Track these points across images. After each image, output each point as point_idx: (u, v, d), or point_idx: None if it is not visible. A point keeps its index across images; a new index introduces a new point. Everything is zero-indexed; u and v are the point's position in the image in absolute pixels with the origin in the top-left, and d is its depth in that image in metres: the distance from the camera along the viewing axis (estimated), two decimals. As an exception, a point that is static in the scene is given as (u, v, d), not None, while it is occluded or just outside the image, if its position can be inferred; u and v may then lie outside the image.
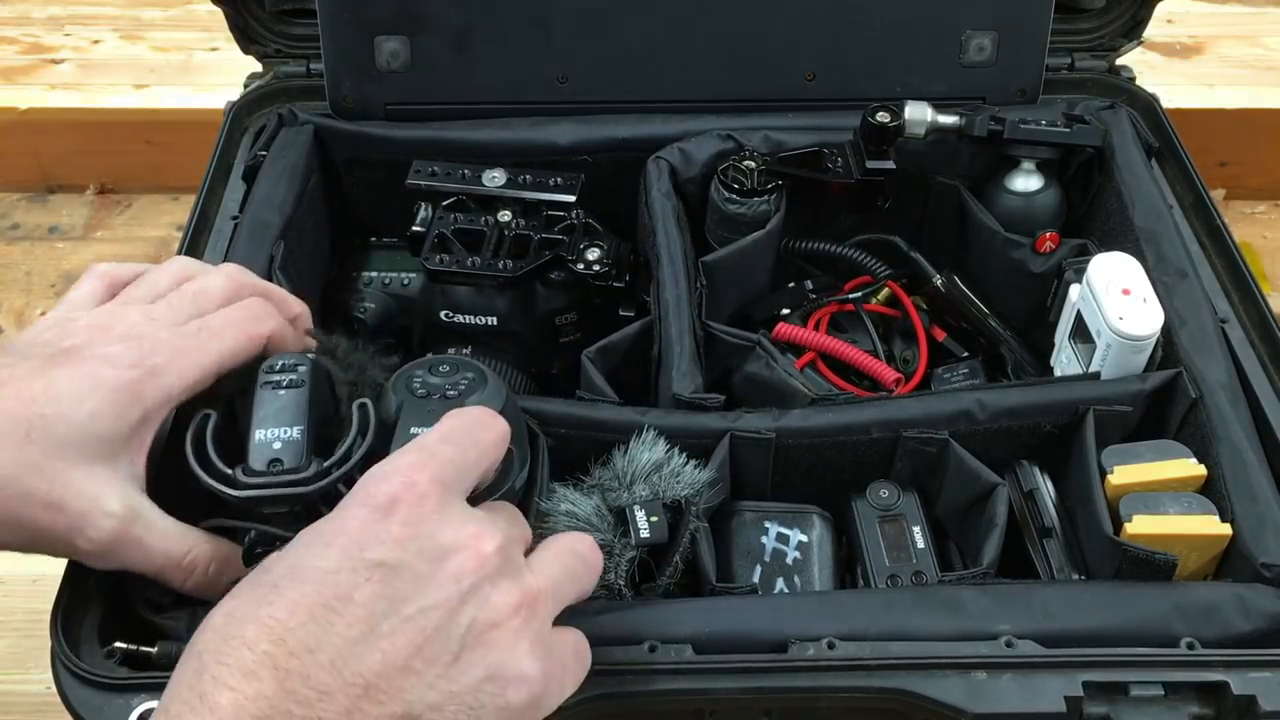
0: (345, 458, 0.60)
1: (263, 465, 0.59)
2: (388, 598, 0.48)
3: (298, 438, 0.60)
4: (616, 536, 0.65)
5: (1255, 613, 0.62)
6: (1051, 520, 0.73)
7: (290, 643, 0.46)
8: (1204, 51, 1.50)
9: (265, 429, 0.60)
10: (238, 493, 0.58)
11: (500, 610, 0.50)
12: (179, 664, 0.48)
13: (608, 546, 0.65)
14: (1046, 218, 0.86)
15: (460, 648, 0.49)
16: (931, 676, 0.60)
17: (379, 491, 0.51)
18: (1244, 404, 0.72)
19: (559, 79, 0.91)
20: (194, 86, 1.45)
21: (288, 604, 0.47)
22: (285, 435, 0.60)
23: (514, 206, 0.85)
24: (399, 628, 0.48)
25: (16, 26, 1.54)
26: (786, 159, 0.86)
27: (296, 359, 0.63)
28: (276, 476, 0.59)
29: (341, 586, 0.48)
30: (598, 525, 0.65)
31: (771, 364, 0.78)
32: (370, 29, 0.88)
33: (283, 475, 0.59)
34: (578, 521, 0.65)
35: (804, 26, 0.89)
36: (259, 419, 0.60)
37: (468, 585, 0.50)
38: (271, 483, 0.58)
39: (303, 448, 0.59)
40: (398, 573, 0.49)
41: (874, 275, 0.89)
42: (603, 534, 0.65)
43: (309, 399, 0.61)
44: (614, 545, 0.65)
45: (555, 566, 0.55)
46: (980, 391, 0.74)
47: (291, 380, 0.62)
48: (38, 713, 1.00)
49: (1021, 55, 0.90)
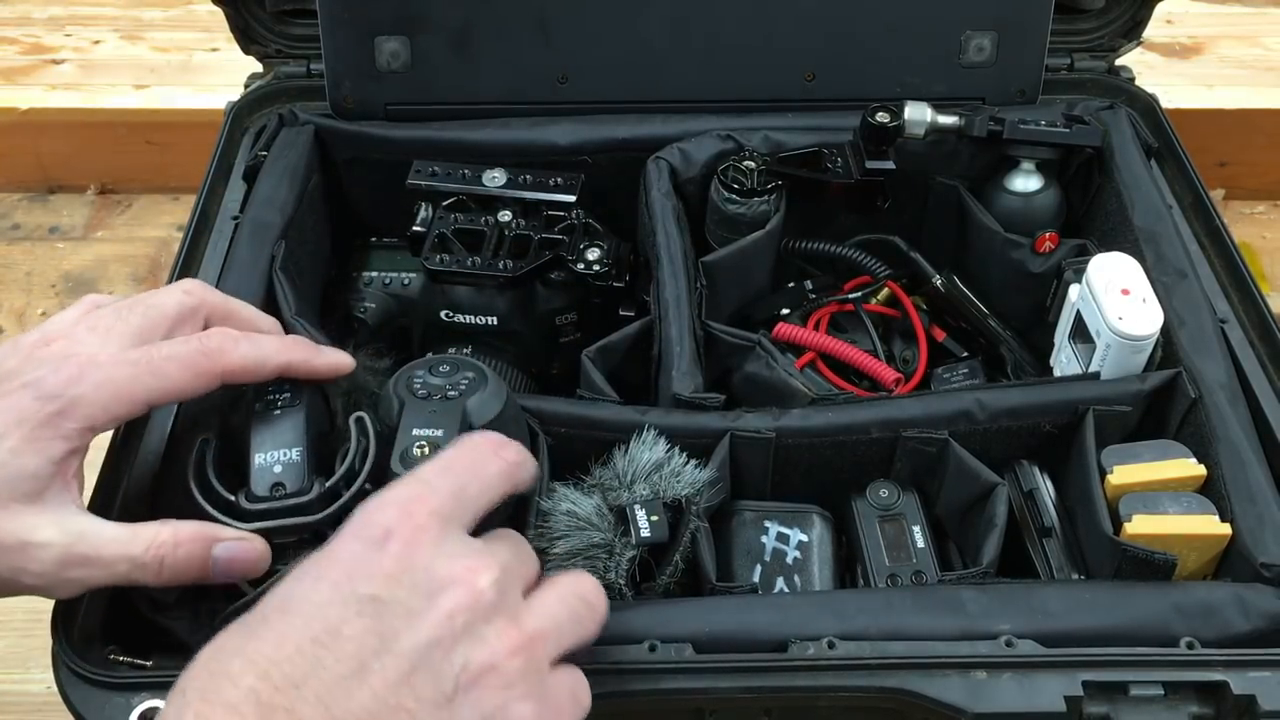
0: (349, 476, 0.60)
1: (265, 490, 0.59)
2: (378, 633, 0.47)
3: (297, 459, 0.60)
4: (617, 536, 0.65)
5: (1255, 612, 0.62)
6: (1051, 520, 0.74)
7: (275, 677, 0.45)
8: (1203, 52, 1.50)
9: (265, 452, 0.60)
10: (244, 525, 0.58)
11: (496, 652, 0.49)
12: (166, 701, 0.46)
13: (608, 545, 0.65)
14: (1046, 218, 0.86)
15: (454, 689, 0.47)
16: (931, 676, 0.60)
17: (373, 523, 0.50)
18: (1243, 404, 0.72)
19: (559, 79, 0.91)
20: (194, 87, 1.45)
21: (275, 637, 0.46)
22: (285, 458, 0.60)
23: (514, 206, 0.85)
24: (390, 665, 0.46)
25: (17, 27, 1.54)
26: (786, 159, 0.86)
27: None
28: (280, 502, 0.59)
29: (330, 620, 0.47)
30: (598, 524, 0.65)
31: (771, 364, 0.78)
32: (370, 29, 0.88)
33: (287, 500, 0.59)
34: (578, 520, 0.65)
35: (804, 27, 0.89)
36: (257, 442, 0.60)
37: (461, 623, 0.48)
38: (276, 509, 0.59)
39: (304, 469, 0.60)
40: (389, 607, 0.47)
41: (874, 275, 0.89)
42: (603, 533, 0.65)
43: (306, 417, 0.61)
44: (614, 544, 0.65)
45: (558, 609, 0.53)
46: (980, 391, 0.74)
47: (287, 400, 0.62)
48: (38, 712, 1.00)
49: (1021, 56, 0.90)
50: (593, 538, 0.65)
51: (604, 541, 0.65)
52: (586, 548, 0.65)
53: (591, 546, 0.65)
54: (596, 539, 0.65)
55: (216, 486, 0.60)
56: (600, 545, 0.65)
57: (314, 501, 0.59)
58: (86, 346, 0.59)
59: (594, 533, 0.64)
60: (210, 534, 0.58)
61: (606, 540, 0.65)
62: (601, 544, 0.65)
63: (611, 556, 0.65)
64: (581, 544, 0.65)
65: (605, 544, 0.65)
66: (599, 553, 0.65)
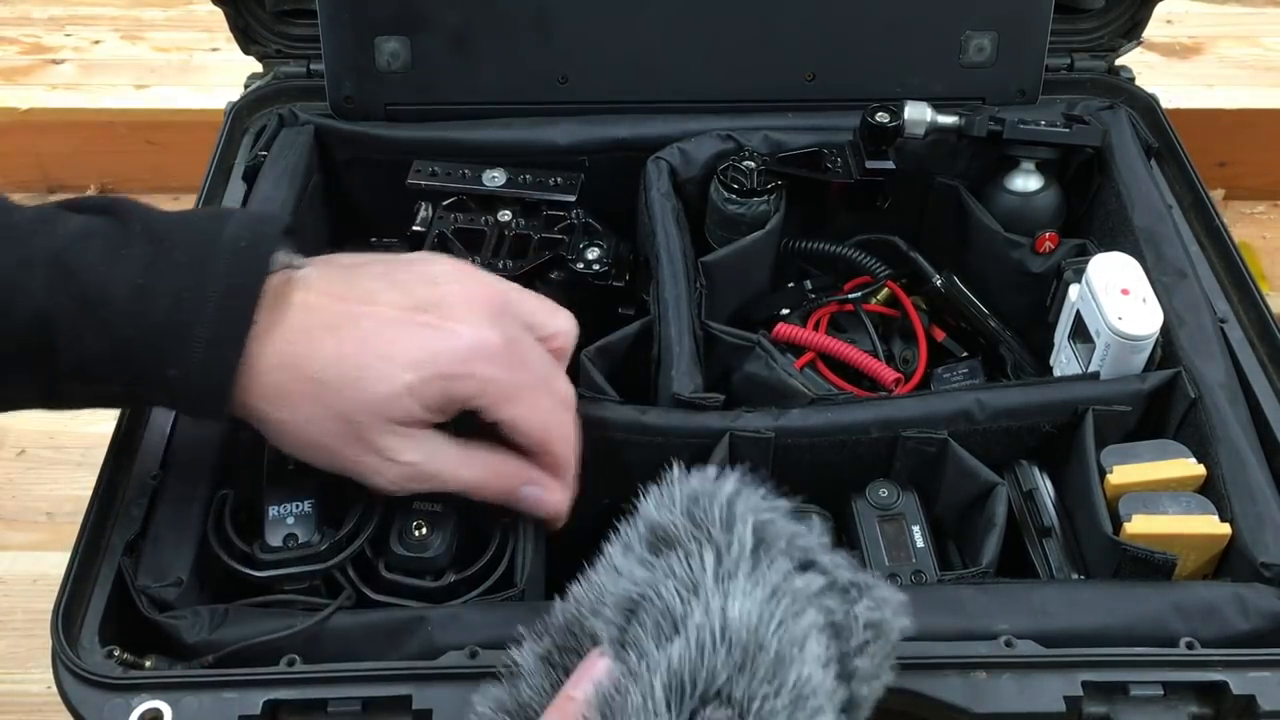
0: (358, 526, 0.63)
1: (279, 541, 0.63)
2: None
3: (309, 511, 0.63)
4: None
5: (1254, 612, 0.62)
6: (1051, 520, 0.74)
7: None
8: (1203, 52, 1.50)
9: (278, 505, 0.63)
10: (259, 573, 0.62)
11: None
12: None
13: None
14: (1046, 218, 0.86)
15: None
16: (931, 676, 0.60)
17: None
18: (1243, 404, 0.72)
19: (559, 79, 0.91)
20: (194, 87, 1.45)
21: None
22: (298, 510, 0.63)
23: (514, 206, 0.85)
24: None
25: (17, 27, 1.54)
26: (786, 159, 0.86)
27: None
28: (292, 552, 0.62)
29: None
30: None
31: (771, 364, 0.78)
32: (370, 29, 0.88)
33: (297, 551, 0.62)
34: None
35: (804, 27, 0.89)
36: (271, 495, 0.64)
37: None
38: (288, 559, 0.62)
39: (314, 521, 0.63)
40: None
41: (874, 275, 0.89)
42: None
43: (316, 470, 0.63)
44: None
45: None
46: (980, 391, 0.74)
47: None
48: (38, 712, 1.00)
49: (1021, 56, 0.90)
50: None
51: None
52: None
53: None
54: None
55: (234, 539, 0.63)
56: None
57: (324, 551, 0.62)
58: (529, 368, 0.62)
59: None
60: (525, 475, 0.63)
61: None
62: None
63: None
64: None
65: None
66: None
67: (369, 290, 0.59)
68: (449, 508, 0.64)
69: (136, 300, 0.54)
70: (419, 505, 0.64)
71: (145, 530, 0.64)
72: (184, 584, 0.62)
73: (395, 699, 0.58)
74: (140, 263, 0.54)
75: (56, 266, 0.53)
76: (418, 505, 0.64)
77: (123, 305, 0.54)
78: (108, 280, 0.54)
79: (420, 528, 0.63)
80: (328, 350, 0.57)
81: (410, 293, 0.60)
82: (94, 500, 0.66)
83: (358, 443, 0.58)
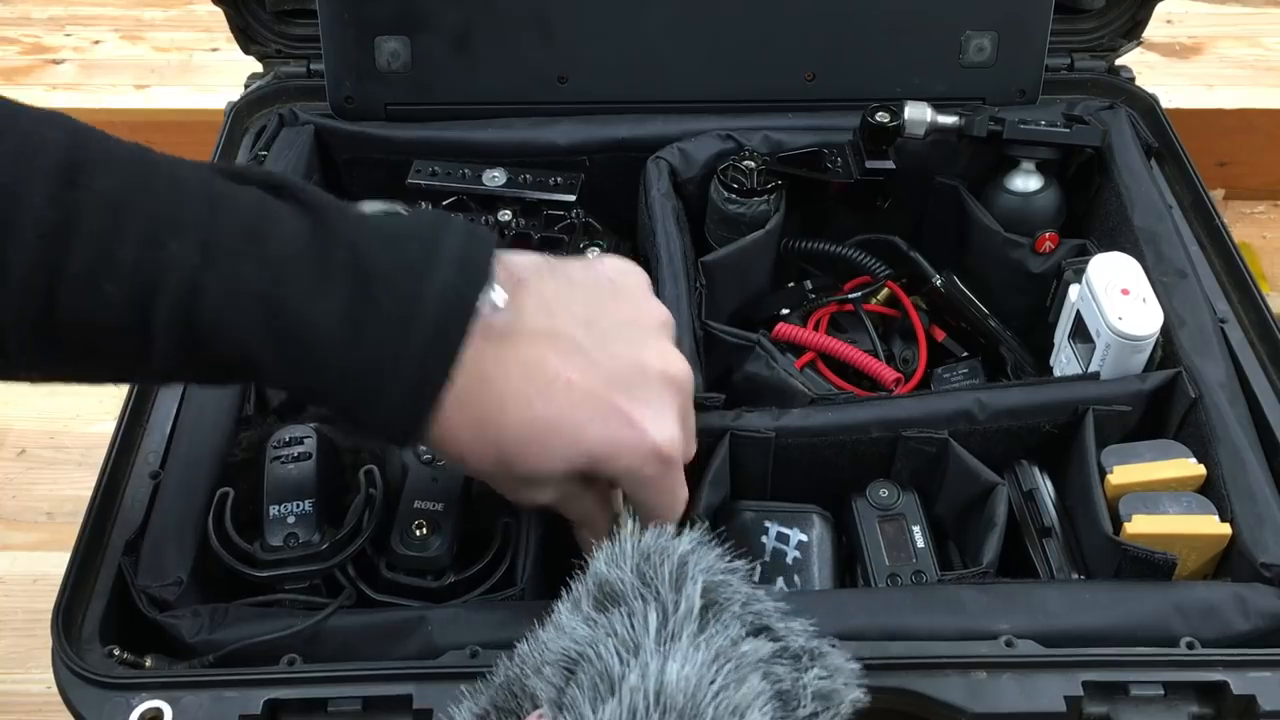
0: (357, 526, 0.63)
1: (279, 540, 0.63)
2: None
3: (310, 510, 0.63)
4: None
5: (1255, 612, 0.62)
6: (1051, 520, 0.74)
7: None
8: (1203, 52, 1.50)
9: (279, 504, 0.63)
10: (260, 573, 0.62)
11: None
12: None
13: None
14: (1046, 218, 0.86)
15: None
16: (931, 676, 0.60)
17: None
18: (1243, 404, 0.72)
19: (559, 79, 0.91)
20: (194, 87, 1.45)
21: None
22: (298, 509, 0.63)
23: (514, 206, 0.85)
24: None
25: (17, 27, 1.54)
26: (786, 159, 0.86)
27: (304, 431, 0.66)
28: (293, 551, 0.62)
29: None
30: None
31: (771, 364, 0.78)
32: (370, 29, 0.88)
33: (298, 550, 0.62)
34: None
35: (804, 27, 0.89)
36: (271, 494, 0.64)
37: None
38: (288, 558, 0.62)
39: (315, 520, 0.63)
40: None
41: (874, 275, 0.89)
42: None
43: (317, 470, 0.64)
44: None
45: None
46: (980, 391, 0.74)
47: (300, 454, 0.66)
48: (38, 712, 1.00)
49: (1021, 56, 0.90)
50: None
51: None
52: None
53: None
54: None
55: (234, 538, 0.63)
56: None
57: (325, 550, 0.62)
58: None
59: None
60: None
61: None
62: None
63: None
64: None
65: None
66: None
67: (569, 343, 0.56)
68: (450, 507, 0.64)
69: (334, 348, 0.52)
70: (420, 505, 0.64)
71: (145, 530, 0.64)
72: (184, 584, 0.62)
73: (395, 698, 0.58)
74: (342, 302, 0.51)
75: (261, 303, 0.50)
76: (419, 505, 0.64)
77: (321, 353, 0.52)
78: (310, 325, 0.51)
79: (421, 527, 0.64)
80: (518, 419, 0.55)
81: (610, 349, 0.57)
82: (94, 500, 0.66)
83: (517, 488, 0.58)
